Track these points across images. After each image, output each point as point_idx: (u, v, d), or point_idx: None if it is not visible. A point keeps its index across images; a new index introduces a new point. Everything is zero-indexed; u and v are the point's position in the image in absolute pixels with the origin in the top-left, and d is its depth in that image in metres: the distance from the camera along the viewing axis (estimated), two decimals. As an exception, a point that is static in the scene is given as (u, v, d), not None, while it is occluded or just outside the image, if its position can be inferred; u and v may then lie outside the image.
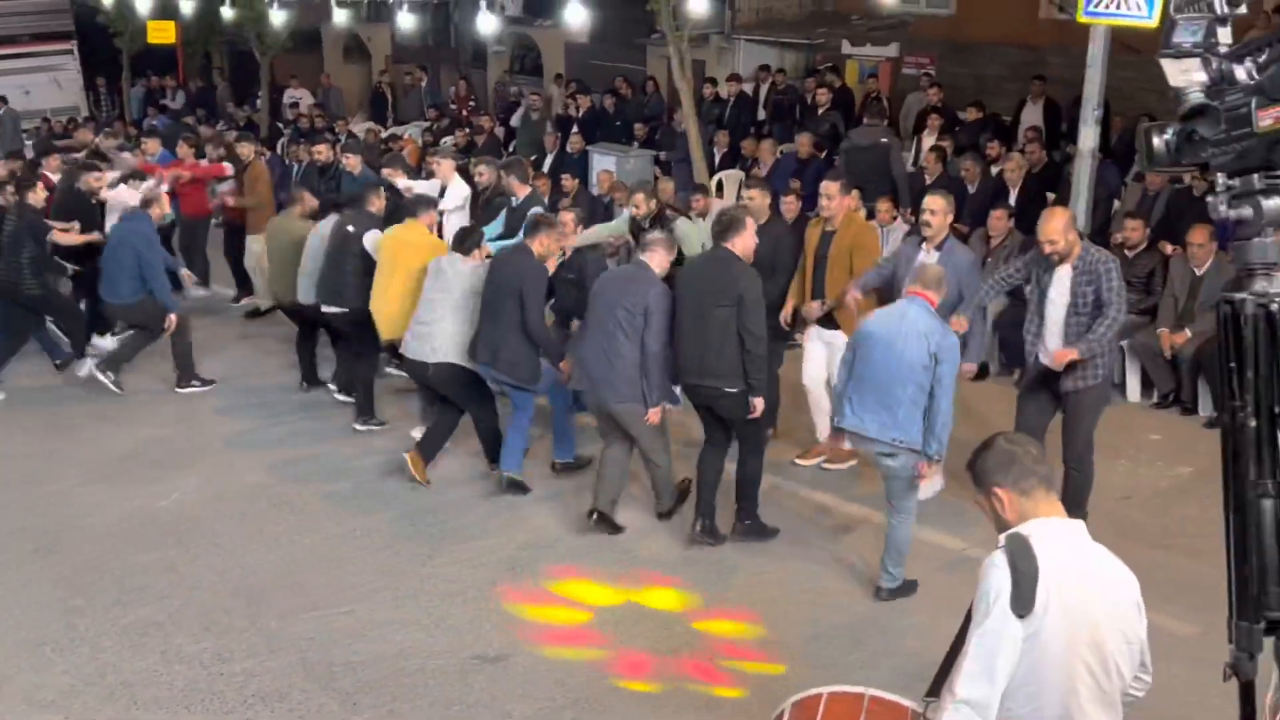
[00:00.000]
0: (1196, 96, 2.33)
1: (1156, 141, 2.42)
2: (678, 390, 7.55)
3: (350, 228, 9.16)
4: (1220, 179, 2.35)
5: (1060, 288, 6.94)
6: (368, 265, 8.93)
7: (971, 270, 7.69)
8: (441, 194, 10.73)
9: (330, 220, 9.49)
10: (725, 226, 7.08)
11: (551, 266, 8.21)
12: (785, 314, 8.44)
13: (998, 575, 3.26)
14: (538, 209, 10.03)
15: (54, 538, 7.58)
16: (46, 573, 7.13)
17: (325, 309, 9.33)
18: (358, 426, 9.35)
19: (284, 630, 6.46)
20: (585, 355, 7.43)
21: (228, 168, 13.02)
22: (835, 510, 7.96)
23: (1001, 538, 3.36)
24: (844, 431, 6.66)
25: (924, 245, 7.70)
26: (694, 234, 9.66)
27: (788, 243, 8.58)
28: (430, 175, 11.27)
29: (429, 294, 8.21)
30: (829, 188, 8.18)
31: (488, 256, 8.35)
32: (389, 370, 9.91)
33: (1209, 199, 2.38)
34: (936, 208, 7.63)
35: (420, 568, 7.19)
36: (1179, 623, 6.26)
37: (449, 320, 8.06)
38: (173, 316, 10.16)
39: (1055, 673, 3.25)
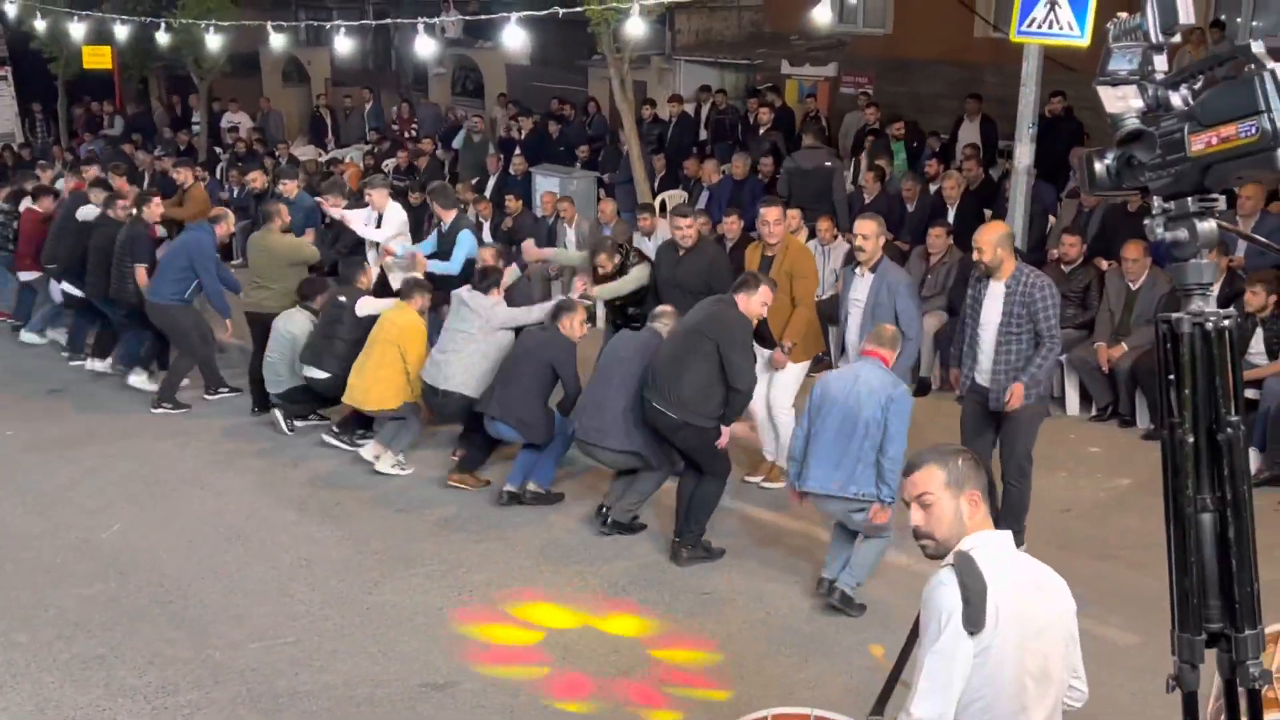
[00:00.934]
0: (1133, 122, 2.38)
1: (1098, 166, 2.48)
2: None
3: (343, 299, 9.35)
4: (1156, 202, 2.41)
5: (993, 306, 7.02)
6: (358, 335, 9.09)
7: (908, 290, 7.73)
8: (378, 224, 10.77)
9: (302, 315, 9.68)
10: (741, 284, 7.34)
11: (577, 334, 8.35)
12: None
13: (947, 594, 3.28)
14: (466, 231, 10.13)
15: (-8, 572, 7.45)
16: (-16, 608, 7.00)
17: (307, 372, 9.38)
18: (326, 437, 9.53)
19: (229, 661, 6.38)
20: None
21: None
22: (781, 528, 7.99)
23: (950, 555, 3.39)
24: (805, 494, 6.72)
25: (859, 269, 7.76)
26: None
27: (723, 264, 8.66)
28: (366, 203, 11.24)
29: (450, 325, 8.72)
30: (768, 213, 8.25)
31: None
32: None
33: (1146, 222, 2.44)
34: (869, 232, 7.66)
35: (367, 595, 7.13)
36: (1120, 633, 6.36)
37: (464, 353, 8.50)
38: (227, 322, 10.55)
39: (1007, 685, 3.28)
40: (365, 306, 9.25)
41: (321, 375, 9.25)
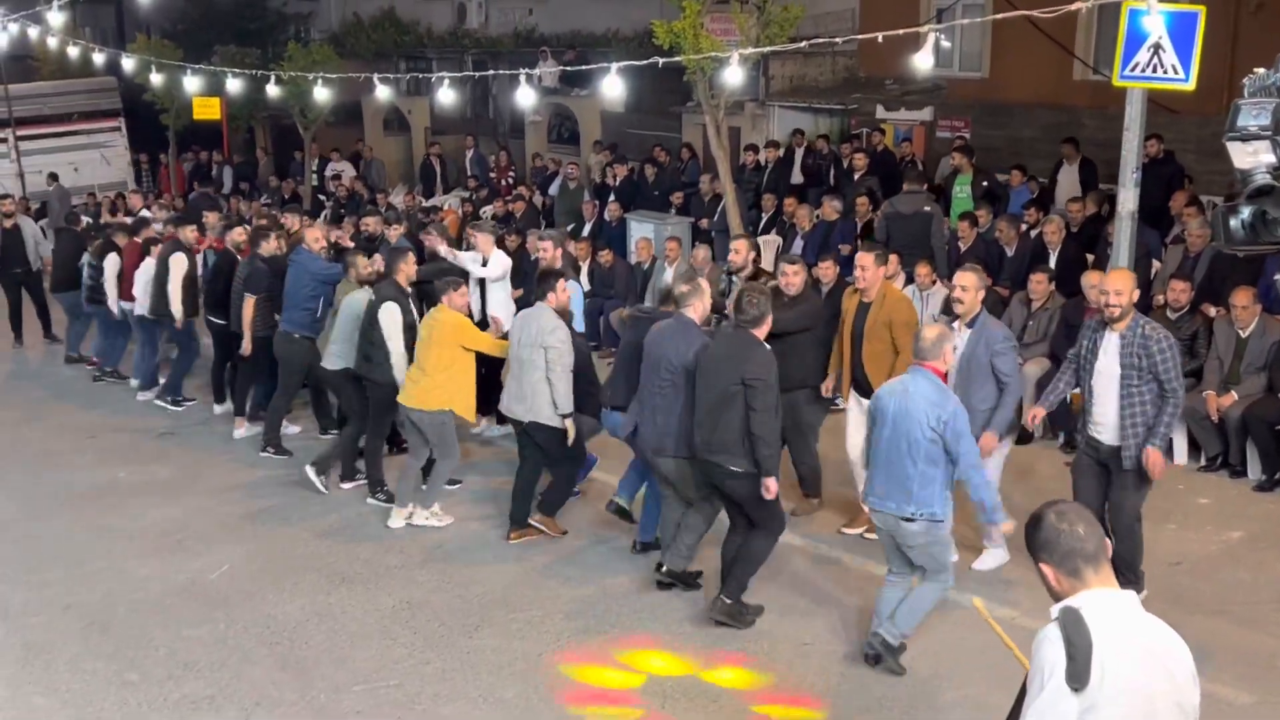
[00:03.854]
0: (1263, 178, 2.36)
1: (1233, 222, 2.46)
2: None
3: (373, 296, 9.28)
4: (1287, 257, 2.38)
5: (1109, 356, 6.89)
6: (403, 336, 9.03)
7: (1005, 344, 7.51)
8: (484, 266, 10.89)
9: (363, 294, 9.63)
10: (755, 320, 7.02)
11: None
12: (827, 385, 8.49)
13: (1052, 649, 3.24)
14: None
15: (105, 613, 7.65)
16: (99, 648, 7.19)
17: (326, 362, 9.54)
18: (371, 500, 9.44)
19: (333, 705, 6.48)
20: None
21: None
22: (881, 577, 7.89)
23: (1054, 610, 3.35)
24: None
25: (956, 323, 7.60)
26: None
27: (819, 312, 8.58)
28: (471, 247, 11.41)
29: (518, 350, 8.35)
30: (864, 259, 8.16)
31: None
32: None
33: (1277, 277, 2.41)
34: (968, 284, 7.51)
35: (467, 639, 7.20)
36: (1234, 691, 6.20)
37: (535, 375, 8.20)
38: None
39: (1112, 747, 3.22)
40: (384, 316, 9.01)
41: (335, 368, 9.27)
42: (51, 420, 12.06)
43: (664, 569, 7.67)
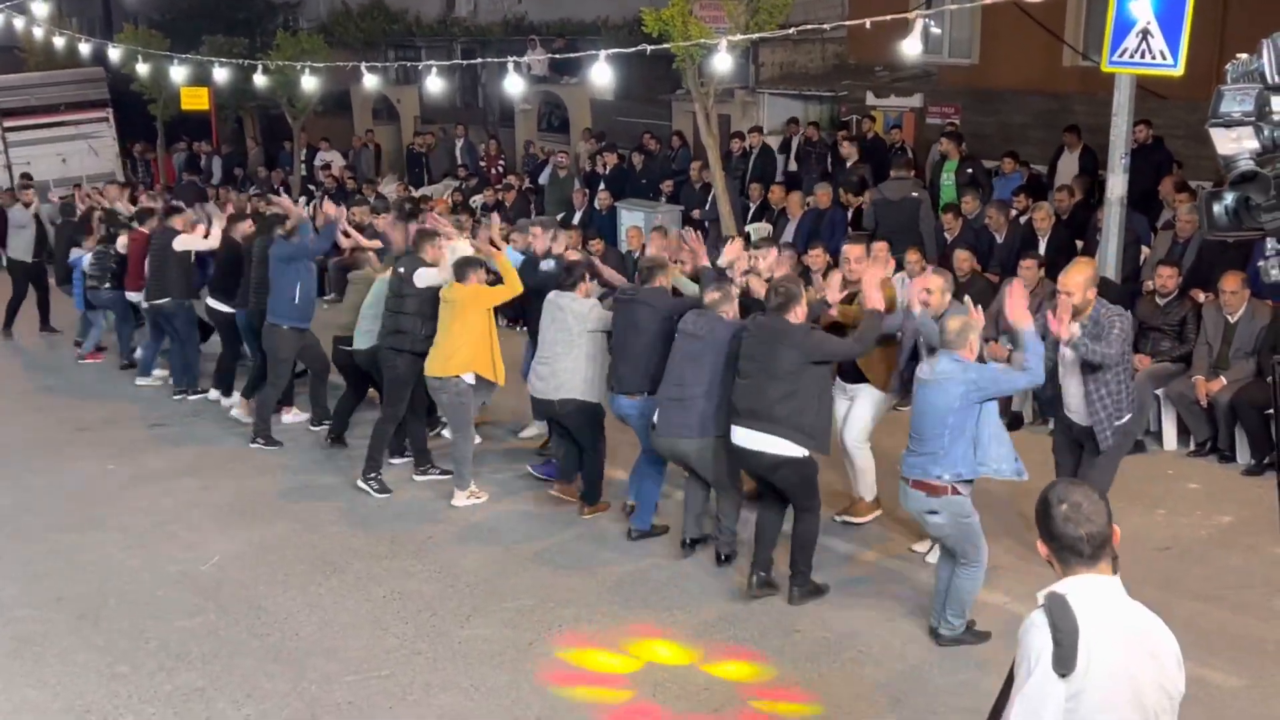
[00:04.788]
0: (1246, 164, 2.36)
1: (1216, 208, 2.46)
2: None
3: (402, 269, 9.29)
4: (1270, 243, 2.38)
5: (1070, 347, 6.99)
6: (424, 308, 9.07)
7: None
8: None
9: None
10: (784, 301, 7.16)
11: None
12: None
13: (1038, 635, 3.25)
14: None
15: (95, 605, 7.64)
16: (90, 641, 7.18)
17: (385, 347, 9.38)
18: (417, 477, 9.63)
19: (325, 695, 6.48)
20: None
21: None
22: (870, 564, 7.92)
23: (1040, 596, 3.36)
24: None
25: (924, 314, 7.51)
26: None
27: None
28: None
29: (546, 333, 8.58)
30: (850, 250, 8.19)
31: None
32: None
33: (1260, 263, 2.42)
34: (934, 286, 7.52)
35: (459, 629, 7.20)
36: (1224, 676, 6.22)
37: (569, 359, 8.41)
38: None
39: (1102, 733, 3.23)
40: (423, 278, 9.10)
41: (400, 350, 9.18)
42: (42, 412, 12.03)
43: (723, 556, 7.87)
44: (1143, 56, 9.34)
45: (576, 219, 16.03)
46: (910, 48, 10.83)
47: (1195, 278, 10.20)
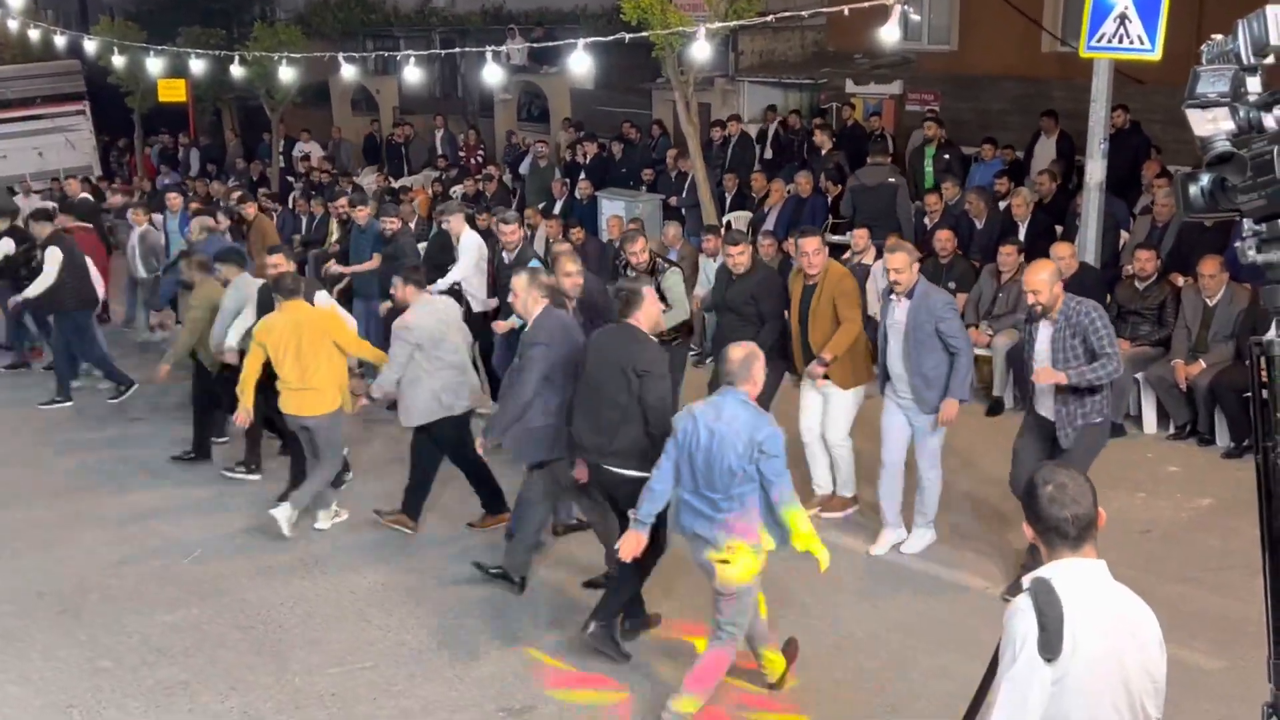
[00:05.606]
0: (1223, 145, 2.36)
1: (1192, 189, 2.46)
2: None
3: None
4: (1247, 224, 2.39)
5: (1043, 343, 6.88)
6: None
7: (948, 309, 7.45)
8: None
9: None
10: (626, 302, 6.63)
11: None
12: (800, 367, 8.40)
13: (1024, 620, 3.26)
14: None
15: (77, 600, 7.61)
16: (72, 635, 7.16)
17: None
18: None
19: (309, 687, 6.47)
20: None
21: None
22: (852, 551, 7.93)
23: (1025, 580, 3.36)
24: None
25: (894, 296, 7.51)
26: (679, 284, 9.24)
27: (773, 287, 8.53)
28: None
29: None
30: (807, 244, 8.09)
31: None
32: None
33: (1237, 244, 2.42)
34: (899, 264, 7.37)
35: (443, 620, 7.19)
36: (1205, 657, 6.26)
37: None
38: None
39: (1084, 715, 3.24)
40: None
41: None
42: (21, 407, 11.95)
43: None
44: (1121, 41, 9.37)
45: (557, 208, 16.00)
46: (889, 34, 10.83)
47: (1174, 262, 10.24)
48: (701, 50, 11.84)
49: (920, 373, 7.36)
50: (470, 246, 10.67)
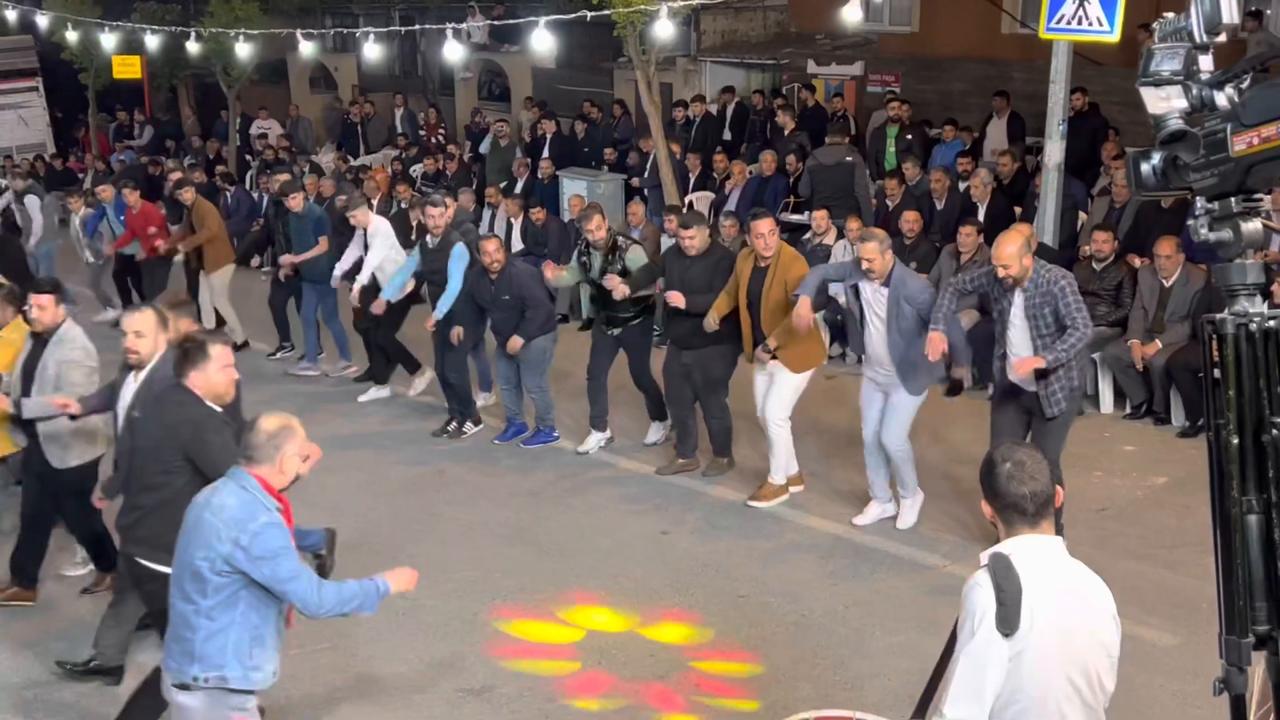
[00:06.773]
0: (1175, 123, 2.37)
1: (1144, 167, 2.47)
2: None
3: None
4: (1200, 203, 2.40)
5: (1018, 311, 6.94)
6: None
7: (925, 292, 7.48)
8: (365, 243, 10.89)
9: None
10: (183, 357, 5.29)
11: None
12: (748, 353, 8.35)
13: (982, 595, 3.28)
14: (460, 247, 9.64)
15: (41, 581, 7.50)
16: (19, 634, 7.06)
17: None
18: None
19: (267, 668, 6.41)
20: None
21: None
22: (812, 529, 7.95)
23: (984, 556, 3.38)
24: None
25: (873, 283, 7.52)
26: (641, 258, 9.21)
27: (728, 268, 8.49)
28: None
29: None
30: (759, 225, 8.06)
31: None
32: None
33: (1189, 222, 2.43)
34: (871, 254, 7.36)
35: (401, 600, 7.11)
36: (1159, 633, 6.33)
37: None
38: None
39: (1041, 690, 3.27)
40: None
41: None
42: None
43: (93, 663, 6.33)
44: (1080, 23, 9.41)
45: (519, 188, 15.91)
46: (851, 15, 10.87)
47: (1131, 243, 10.32)
48: (664, 29, 11.80)
49: (912, 360, 7.38)
50: (382, 233, 10.69)
